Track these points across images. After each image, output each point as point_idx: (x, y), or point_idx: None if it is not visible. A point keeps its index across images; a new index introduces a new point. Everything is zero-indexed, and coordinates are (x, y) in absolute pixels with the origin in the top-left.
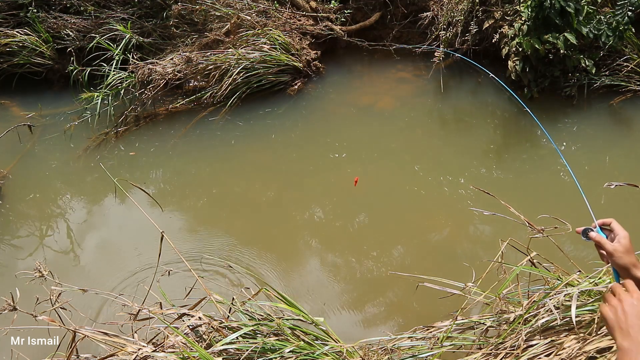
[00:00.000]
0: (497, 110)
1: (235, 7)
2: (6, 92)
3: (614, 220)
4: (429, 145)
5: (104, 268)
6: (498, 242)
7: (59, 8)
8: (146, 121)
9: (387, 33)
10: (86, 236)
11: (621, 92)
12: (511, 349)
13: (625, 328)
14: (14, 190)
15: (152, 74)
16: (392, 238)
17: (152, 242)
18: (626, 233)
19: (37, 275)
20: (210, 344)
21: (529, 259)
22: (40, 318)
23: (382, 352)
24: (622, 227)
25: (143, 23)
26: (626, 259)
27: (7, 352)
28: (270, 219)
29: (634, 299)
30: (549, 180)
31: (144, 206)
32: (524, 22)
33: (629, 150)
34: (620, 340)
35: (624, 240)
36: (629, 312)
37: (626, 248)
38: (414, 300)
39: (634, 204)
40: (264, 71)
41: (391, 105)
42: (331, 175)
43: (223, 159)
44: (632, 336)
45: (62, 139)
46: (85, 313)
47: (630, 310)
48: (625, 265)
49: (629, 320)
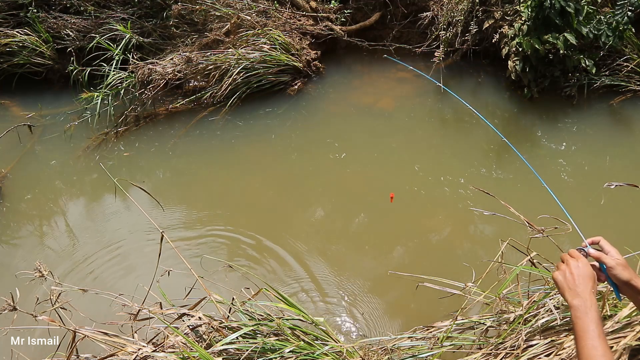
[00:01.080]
0: (497, 110)
1: (235, 7)
2: (6, 92)
3: (602, 238)
4: (429, 145)
5: (104, 268)
6: (498, 242)
7: (59, 8)
8: (146, 121)
9: (387, 33)
10: (86, 236)
11: (621, 92)
12: (511, 349)
13: (574, 287)
14: (14, 190)
15: (152, 74)
16: (392, 238)
17: (152, 241)
18: (616, 249)
19: (37, 275)
20: (210, 344)
21: (529, 259)
22: (40, 318)
23: (382, 352)
24: (610, 244)
25: (143, 23)
26: (626, 272)
27: (7, 352)
28: (270, 219)
29: (578, 262)
30: (549, 180)
31: (144, 206)
32: (524, 22)
33: (629, 150)
34: (570, 299)
35: (618, 255)
36: (575, 274)
37: (623, 262)
38: (414, 300)
39: (634, 204)
40: (264, 71)
41: (391, 105)
42: (331, 175)
43: (223, 159)
44: (579, 294)
45: (62, 139)
46: (89, 313)
47: (576, 272)
48: (627, 277)
49: (575, 280)
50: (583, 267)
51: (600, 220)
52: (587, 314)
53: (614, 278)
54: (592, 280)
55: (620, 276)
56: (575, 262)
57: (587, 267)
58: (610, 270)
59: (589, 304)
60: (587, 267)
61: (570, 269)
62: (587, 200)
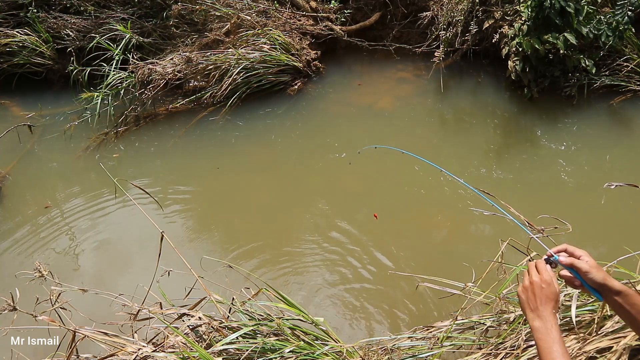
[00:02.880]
0: (497, 110)
1: (235, 7)
2: (6, 92)
3: (567, 244)
4: (429, 145)
5: (104, 268)
6: (498, 242)
7: (59, 8)
8: (146, 121)
9: (387, 33)
10: (86, 236)
11: (621, 92)
12: (511, 349)
13: (535, 309)
14: (14, 190)
15: (152, 74)
16: (392, 238)
17: (151, 242)
18: (585, 251)
19: (37, 275)
20: (210, 344)
21: (529, 259)
22: (40, 318)
23: (382, 352)
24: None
25: (143, 23)
26: (600, 274)
27: (7, 352)
28: (270, 219)
29: (542, 282)
30: (549, 180)
31: (144, 206)
32: (524, 22)
33: (629, 150)
34: (531, 320)
35: (588, 257)
36: (537, 295)
37: (595, 264)
38: (414, 300)
39: (634, 204)
40: (264, 71)
41: (391, 105)
42: (331, 175)
43: (223, 159)
44: (540, 315)
45: (62, 139)
46: (89, 313)
47: (538, 292)
48: (601, 279)
49: (537, 301)
50: (547, 287)
51: (600, 220)
52: (549, 334)
53: (590, 281)
54: (555, 301)
55: (595, 278)
56: (539, 281)
57: (550, 287)
58: (585, 274)
59: (550, 325)
60: (550, 286)
61: (534, 288)
62: (587, 200)
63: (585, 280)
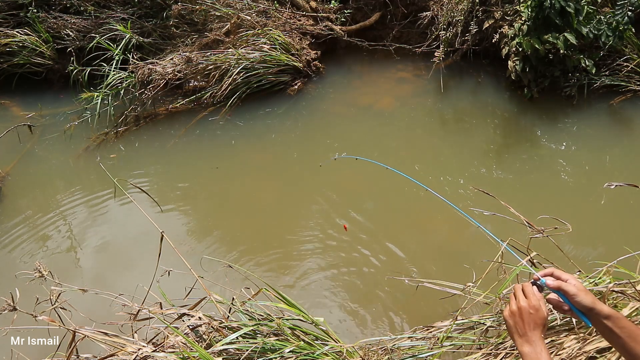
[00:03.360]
0: (497, 110)
1: (235, 7)
2: (6, 92)
3: (554, 268)
4: (429, 145)
5: (104, 268)
6: (498, 242)
7: (59, 8)
8: (146, 121)
9: (387, 33)
10: (86, 236)
11: (621, 92)
12: (511, 349)
13: (523, 334)
14: (14, 190)
15: (152, 74)
16: (392, 238)
17: (151, 242)
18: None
19: (37, 275)
20: (210, 344)
21: (529, 259)
22: (40, 318)
23: (382, 352)
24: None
25: (143, 23)
26: (589, 297)
27: (7, 352)
28: (270, 219)
29: (529, 307)
30: (549, 180)
31: (144, 206)
32: (524, 22)
33: (629, 150)
34: (519, 346)
35: (575, 280)
36: (526, 320)
37: (583, 287)
38: (414, 300)
39: (634, 204)
40: (264, 71)
41: (391, 105)
42: (331, 175)
43: (223, 159)
44: (528, 340)
45: (62, 139)
46: (89, 313)
47: (526, 318)
48: (590, 302)
49: (525, 326)
50: (535, 313)
51: (600, 220)
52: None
53: (578, 305)
54: (542, 326)
55: (583, 302)
56: (526, 305)
57: (539, 312)
58: (572, 298)
59: (539, 349)
60: (539, 311)
61: (522, 313)
62: (587, 200)
63: (573, 303)
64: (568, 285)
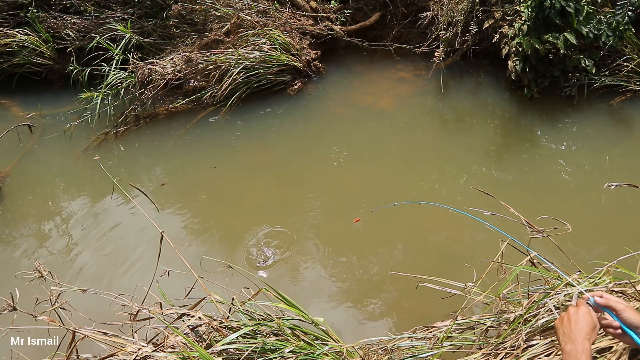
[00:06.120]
0: (497, 110)
1: (235, 7)
2: (6, 92)
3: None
4: (429, 145)
5: (104, 268)
6: (498, 242)
7: (59, 8)
8: (146, 121)
9: (387, 33)
10: (86, 236)
11: (621, 92)
12: (511, 349)
13: (568, 332)
14: (14, 190)
15: (152, 74)
16: (392, 238)
17: (151, 241)
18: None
19: (37, 275)
20: (210, 344)
21: (529, 259)
22: (40, 318)
23: (382, 352)
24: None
25: (143, 23)
26: (637, 315)
27: (7, 352)
28: (270, 219)
29: (579, 310)
30: (549, 180)
31: (144, 206)
32: (524, 22)
33: (629, 150)
34: (563, 344)
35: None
36: (572, 320)
37: (631, 306)
38: (414, 300)
39: (634, 204)
40: (264, 71)
41: (391, 105)
42: (331, 175)
43: (223, 159)
44: (572, 339)
45: (62, 139)
46: (89, 313)
47: (574, 318)
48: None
49: (571, 325)
50: (582, 315)
51: (600, 220)
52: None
53: (626, 322)
54: (589, 327)
55: (631, 319)
56: (575, 309)
57: (586, 315)
58: (620, 313)
59: (581, 349)
60: (586, 314)
61: (569, 315)
62: (587, 200)
63: (621, 320)
64: (615, 302)
